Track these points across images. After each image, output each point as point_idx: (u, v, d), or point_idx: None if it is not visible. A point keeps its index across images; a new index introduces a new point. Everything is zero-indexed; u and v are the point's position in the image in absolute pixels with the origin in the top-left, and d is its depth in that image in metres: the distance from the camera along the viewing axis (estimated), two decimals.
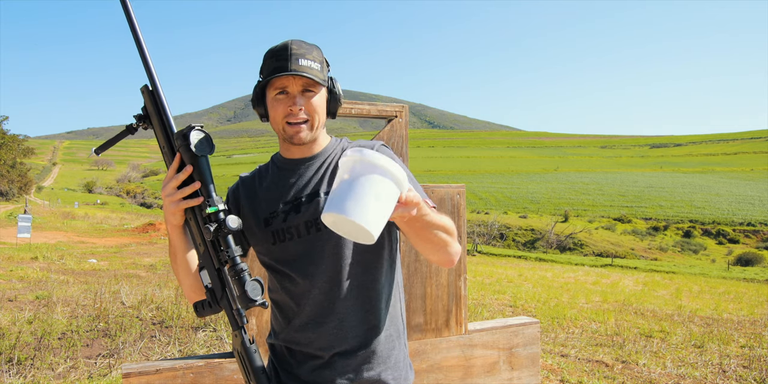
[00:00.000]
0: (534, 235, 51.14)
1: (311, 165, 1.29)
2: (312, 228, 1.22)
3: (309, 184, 1.27)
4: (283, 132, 1.24)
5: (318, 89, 1.24)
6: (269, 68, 1.22)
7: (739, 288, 15.44)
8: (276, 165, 1.33)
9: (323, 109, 1.27)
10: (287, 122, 1.22)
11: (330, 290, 1.21)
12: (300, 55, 1.21)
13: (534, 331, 2.55)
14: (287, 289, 1.25)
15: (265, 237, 1.25)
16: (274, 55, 1.22)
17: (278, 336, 1.29)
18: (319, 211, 1.21)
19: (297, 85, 1.21)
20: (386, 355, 1.25)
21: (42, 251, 12.41)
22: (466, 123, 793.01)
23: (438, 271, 2.31)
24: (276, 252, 1.25)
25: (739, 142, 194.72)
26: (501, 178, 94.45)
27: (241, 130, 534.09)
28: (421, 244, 1.16)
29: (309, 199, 1.24)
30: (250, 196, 1.31)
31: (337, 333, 1.21)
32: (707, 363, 4.51)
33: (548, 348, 4.89)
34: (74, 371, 3.75)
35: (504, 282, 12.04)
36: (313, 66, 1.22)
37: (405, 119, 2.27)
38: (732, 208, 59.79)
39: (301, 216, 1.23)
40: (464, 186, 2.42)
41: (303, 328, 1.23)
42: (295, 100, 1.21)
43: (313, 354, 1.22)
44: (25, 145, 58.65)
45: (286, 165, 1.31)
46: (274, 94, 1.23)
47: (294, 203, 1.25)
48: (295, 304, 1.24)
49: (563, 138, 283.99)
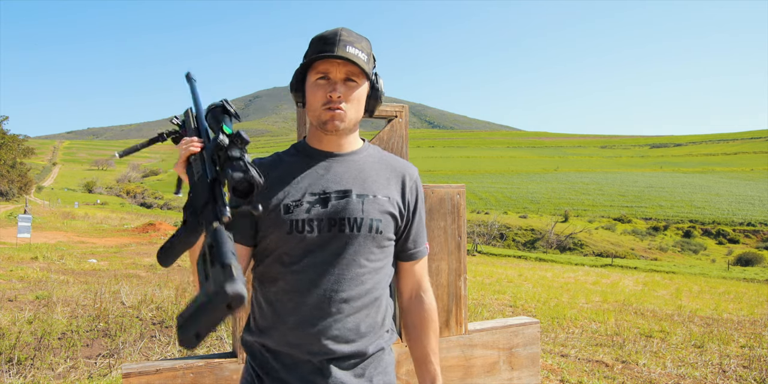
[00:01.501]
0: (534, 235, 51.15)
1: (344, 161, 1.25)
2: (335, 226, 1.18)
3: (341, 180, 1.22)
4: (318, 118, 1.19)
5: (361, 81, 1.19)
6: (314, 51, 1.17)
7: (739, 288, 15.44)
8: (303, 153, 1.27)
9: (362, 103, 1.22)
10: (325, 109, 1.17)
11: (335, 292, 1.17)
12: (349, 43, 1.16)
13: (534, 331, 2.55)
14: (289, 283, 1.18)
15: (281, 224, 1.18)
16: (322, 39, 1.17)
17: (264, 334, 1.21)
18: (349, 211, 1.18)
19: (340, 72, 1.16)
20: (378, 361, 1.23)
21: (42, 251, 12.40)
22: (466, 123, 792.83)
23: (438, 271, 2.31)
24: (289, 242, 1.18)
25: (739, 142, 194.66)
26: (501, 178, 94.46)
27: (240, 130, 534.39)
28: None
29: (339, 196, 1.20)
30: (268, 179, 1.22)
31: (332, 336, 1.16)
32: (707, 363, 4.51)
33: (548, 348, 4.89)
34: (74, 371, 3.75)
35: (504, 282, 12.04)
36: (360, 55, 1.17)
37: (405, 119, 2.27)
38: (732, 208, 59.82)
39: (328, 211, 1.18)
40: (464, 186, 2.42)
41: (297, 327, 1.17)
42: (336, 86, 1.16)
43: (302, 358, 1.17)
44: (25, 145, 58.67)
45: (317, 155, 1.25)
46: (315, 78, 1.17)
47: (322, 196, 1.20)
48: (294, 301, 1.18)
49: (563, 138, 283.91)
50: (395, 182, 1.29)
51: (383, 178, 1.27)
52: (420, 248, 1.34)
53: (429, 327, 1.34)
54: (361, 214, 1.19)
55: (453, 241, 2.34)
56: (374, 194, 1.23)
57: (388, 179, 1.28)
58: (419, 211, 1.33)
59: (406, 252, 1.32)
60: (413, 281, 1.35)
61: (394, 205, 1.25)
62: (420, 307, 1.34)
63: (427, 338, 1.33)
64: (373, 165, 1.28)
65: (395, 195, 1.27)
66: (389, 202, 1.24)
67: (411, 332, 1.35)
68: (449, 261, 2.33)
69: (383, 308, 1.25)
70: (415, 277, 1.35)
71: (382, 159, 1.32)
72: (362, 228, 1.19)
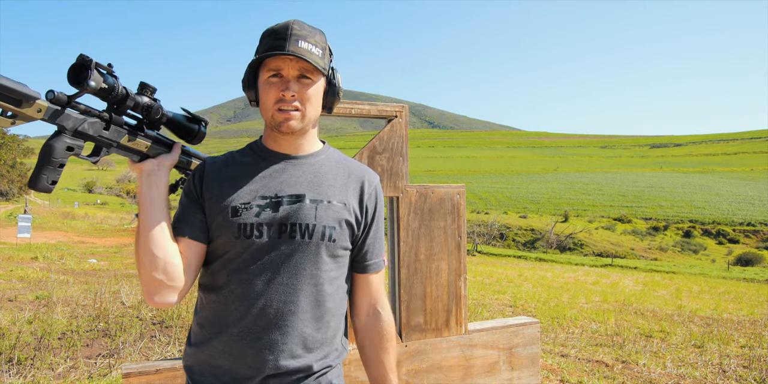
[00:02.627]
0: (534, 235, 51.15)
1: (299, 164, 1.18)
2: (285, 232, 1.11)
3: (295, 184, 1.15)
4: (272, 118, 1.12)
5: (316, 77, 1.12)
6: (264, 47, 1.10)
7: (739, 288, 15.44)
8: (257, 154, 1.20)
9: (319, 100, 1.15)
10: (278, 109, 1.10)
11: (283, 303, 1.09)
12: (301, 37, 1.09)
13: (534, 331, 2.55)
14: (235, 292, 1.10)
15: (229, 227, 1.11)
16: (272, 34, 1.10)
17: (206, 346, 1.13)
18: (301, 216, 1.12)
19: (293, 69, 1.09)
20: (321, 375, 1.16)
21: (42, 251, 12.40)
22: (466, 123, 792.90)
23: (438, 271, 2.31)
24: (237, 247, 1.10)
25: (739, 142, 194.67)
26: (501, 178, 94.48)
27: (241, 130, 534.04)
28: None
29: (291, 201, 1.13)
30: (219, 179, 1.16)
31: (277, 350, 1.09)
32: (707, 363, 4.51)
33: (548, 348, 4.89)
34: (74, 371, 3.75)
35: (504, 282, 12.03)
36: (314, 50, 1.10)
37: (405, 119, 2.27)
38: (732, 208, 59.82)
39: (278, 216, 1.11)
40: (464, 186, 2.42)
41: (240, 338, 1.09)
42: (288, 84, 1.09)
43: (243, 374, 1.09)
44: (25, 145, 58.60)
45: (271, 157, 1.18)
46: (267, 76, 1.11)
47: (273, 200, 1.12)
48: (240, 310, 1.09)
49: (563, 138, 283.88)
50: (353, 188, 1.21)
51: (340, 183, 1.20)
52: (377, 260, 1.26)
53: (389, 346, 1.26)
54: (314, 221, 1.12)
55: (453, 241, 2.34)
56: (329, 200, 1.16)
57: (346, 184, 1.20)
58: (378, 220, 1.25)
59: (362, 263, 1.24)
60: (370, 296, 1.26)
61: (350, 212, 1.18)
62: (378, 324, 1.26)
63: (387, 357, 1.26)
64: (331, 169, 1.21)
65: (352, 201, 1.19)
66: (345, 209, 1.17)
67: (369, 352, 1.26)
68: (449, 261, 2.33)
69: (334, 323, 1.18)
70: (372, 291, 1.26)
71: (340, 163, 1.24)
72: (314, 235, 1.11)
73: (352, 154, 1.83)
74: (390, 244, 2.28)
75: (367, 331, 1.26)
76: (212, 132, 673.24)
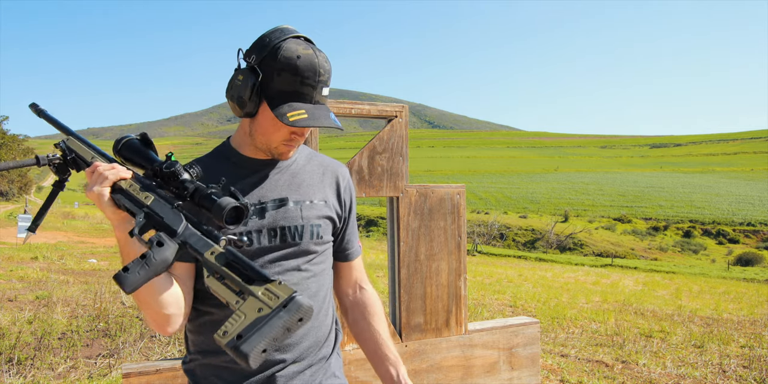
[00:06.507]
0: (534, 235, 51.14)
1: (277, 168, 1.19)
2: (276, 237, 1.13)
3: (275, 188, 1.16)
4: (274, 149, 1.13)
5: None
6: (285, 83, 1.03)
7: (739, 288, 15.43)
8: (231, 161, 1.18)
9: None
10: (284, 144, 1.12)
11: None
12: (325, 83, 1.07)
13: (534, 331, 2.55)
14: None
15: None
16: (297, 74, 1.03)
17: (208, 354, 1.16)
18: (288, 219, 1.15)
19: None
20: (326, 366, 1.22)
21: (42, 251, 12.40)
22: (466, 123, 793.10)
23: (438, 271, 2.31)
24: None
25: (739, 142, 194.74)
26: (501, 178, 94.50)
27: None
28: None
29: (276, 205, 1.14)
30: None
31: (279, 346, 1.12)
32: (707, 363, 4.51)
33: (548, 348, 4.89)
34: (74, 371, 3.75)
35: (504, 282, 12.03)
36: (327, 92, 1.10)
37: (405, 119, 2.27)
38: (732, 208, 59.84)
39: (265, 222, 1.13)
40: (464, 186, 2.42)
41: None
42: (304, 131, 1.11)
43: (249, 371, 1.11)
44: (25, 145, 58.64)
45: (246, 163, 1.17)
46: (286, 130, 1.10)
47: (258, 207, 1.13)
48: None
49: (563, 138, 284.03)
50: (329, 184, 1.26)
51: (317, 180, 1.24)
52: (356, 247, 1.35)
53: (378, 313, 1.33)
54: (301, 221, 1.16)
55: (453, 241, 2.34)
56: (311, 199, 1.19)
57: (322, 181, 1.25)
58: (353, 211, 1.33)
59: (344, 252, 1.31)
60: (353, 278, 1.35)
61: (331, 208, 1.23)
62: (366, 296, 1.34)
63: (381, 325, 1.32)
64: (305, 167, 1.24)
65: (331, 198, 1.24)
66: (326, 206, 1.22)
67: (362, 324, 1.32)
68: (449, 261, 2.33)
69: (329, 311, 1.24)
70: (355, 273, 1.35)
71: (312, 159, 1.27)
72: (304, 235, 1.16)
73: (352, 154, 1.84)
74: (390, 244, 2.28)
75: (357, 305, 1.34)
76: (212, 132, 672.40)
